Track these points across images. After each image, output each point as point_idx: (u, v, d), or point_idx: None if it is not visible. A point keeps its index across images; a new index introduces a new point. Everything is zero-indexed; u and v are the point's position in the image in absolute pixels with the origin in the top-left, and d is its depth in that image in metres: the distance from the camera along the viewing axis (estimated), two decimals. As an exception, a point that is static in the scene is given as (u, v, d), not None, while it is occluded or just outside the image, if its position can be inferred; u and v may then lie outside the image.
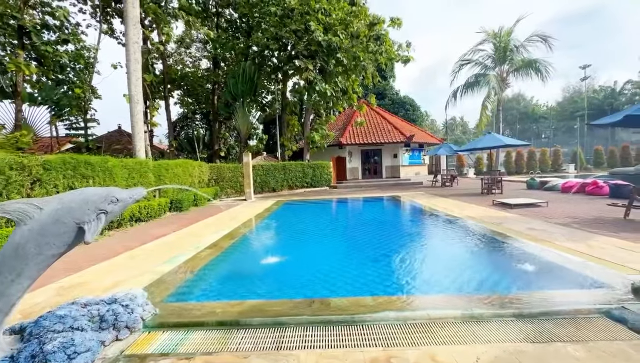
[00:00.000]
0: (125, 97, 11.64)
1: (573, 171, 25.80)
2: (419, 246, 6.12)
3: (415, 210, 10.19)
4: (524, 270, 4.18)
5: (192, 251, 5.47)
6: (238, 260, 5.30)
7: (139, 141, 10.82)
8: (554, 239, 5.34)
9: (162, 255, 5.31)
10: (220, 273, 4.52)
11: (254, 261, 5.19)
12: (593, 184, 11.16)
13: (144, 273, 4.29)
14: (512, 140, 12.88)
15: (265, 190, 17.62)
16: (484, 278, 3.98)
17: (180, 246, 5.92)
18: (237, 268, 4.91)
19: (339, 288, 3.74)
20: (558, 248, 4.78)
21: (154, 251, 5.71)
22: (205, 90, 27.06)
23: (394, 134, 22.75)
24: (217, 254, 5.34)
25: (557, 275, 3.85)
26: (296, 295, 3.57)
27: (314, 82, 17.33)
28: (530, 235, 5.70)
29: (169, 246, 6.06)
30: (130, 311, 2.82)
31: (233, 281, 4.15)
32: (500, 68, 18.23)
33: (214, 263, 4.88)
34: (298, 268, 4.76)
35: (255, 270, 4.78)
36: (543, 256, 4.51)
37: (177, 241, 6.45)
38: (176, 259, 5.00)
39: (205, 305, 3.22)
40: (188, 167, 13.06)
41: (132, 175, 9.30)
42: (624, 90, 56.36)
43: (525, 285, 3.66)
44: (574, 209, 8.44)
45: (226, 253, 5.45)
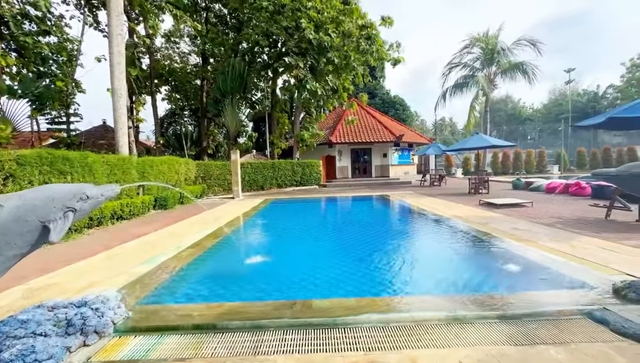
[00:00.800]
0: (109, 91, 11.28)
1: (557, 172, 26.38)
2: (406, 245, 6.09)
3: (404, 210, 10.20)
4: (508, 270, 4.18)
5: (173, 251, 5.30)
6: (220, 260, 5.15)
7: (122, 137, 10.49)
8: (538, 239, 5.38)
9: (142, 255, 5.12)
10: (200, 273, 4.37)
11: (237, 262, 5.04)
12: (576, 185, 11.39)
13: (121, 274, 4.12)
14: (499, 141, 13.06)
15: (254, 188, 17.41)
16: (469, 279, 3.96)
17: (162, 246, 5.74)
18: (219, 268, 4.77)
19: (323, 289, 3.65)
20: (541, 248, 4.81)
21: (133, 250, 5.52)
22: (194, 86, 26.57)
23: (384, 133, 22.81)
24: (199, 254, 5.18)
25: (541, 276, 3.85)
26: (279, 296, 3.48)
27: (304, 81, 17.19)
28: (515, 235, 5.74)
29: (150, 245, 5.86)
30: (101, 315, 2.67)
31: (213, 283, 4.01)
32: (488, 70, 18.47)
33: (195, 263, 4.73)
34: (282, 269, 4.65)
35: (238, 270, 4.65)
36: (527, 257, 4.53)
37: (158, 241, 6.26)
38: (156, 259, 4.83)
39: (182, 307, 3.08)
40: (174, 164, 12.77)
41: (114, 172, 9.01)
42: (606, 94, 58.04)
43: (509, 285, 3.66)
44: (557, 210, 8.57)
45: (209, 253, 5.30)
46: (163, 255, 5.04)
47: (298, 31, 16.42)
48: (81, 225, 7.18)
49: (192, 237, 6.40)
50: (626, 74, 52.32)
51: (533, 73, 16.97)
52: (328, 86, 18.05)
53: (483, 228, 6.55)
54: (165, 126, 34.33)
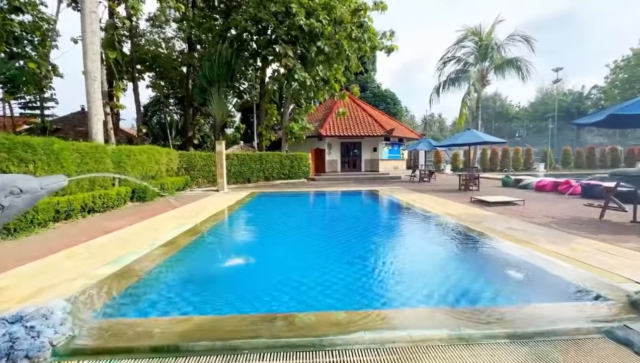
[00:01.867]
0: (85, 74, 10.45)
1: (543, 170, 26.71)
2: (398, 247, 5.71)
3: (395, 207, 9.89)
4: (510, 277, 3.86)
5: (144, 249, 4.79)
6: (196, 262, 4.64)
7: (97, 123, 9.76)
8: (536, 240, 5.12)
9: (108, 254, 4.60)
10: (171, 278, 3.88)
11: (214, 263, 4.55)
12: (566, 183, 11.33)
13: (78, 278, 3.61)
14: (490, 137, 12.89)
15: (240, 181, 16.83)
16: (469, 287, 3.62)
17: (133, 243, 5.22)
18: (192, 272, 4.27)
19: (309, 297, 3.25)
20: (541, 251, 4.54)
21: (100, 248, 4.98)
22: (179, 73, 25.50)
23: (375, 127, 22.47)
24: (172, 253, 4.69)
25: (546, 284, 3.57)
26: (258, 306, 3.06)
27: (294, 70, 16.58)
28: (511, 236, 5.47)
29: (120, 242, 5.33)
30: (36, 335, 2.19)
31: (184, 290, 3.53)
32: (481, 65, 18.26)
33: (166, 265, 4.25)
34: (263, 272, 4.20)
35: (214, 274, 4.18)
36: (528, 261, 4.24)
37: (130, 237, 5.72)
38: (123, 259, 4.33)
39: (143, 322, 2.63)
40: (154, 154, 12.07)
41: (86, 161, 8.33)
42: (590, 94, 59.30)
43: (514, 295, 3.34)
44: (550, 209, 8.41)
45: (183, 253, 4.81)
46: (132, 254, 4.54)
47: (288, 17, 15.76)
48: (46, 218, 6.54)
49: (168, 233, 5.88)
50: (610, 75, 53.47)
51: (527, 70, 16.89)
52: (319, 77, 17.48)
53: (477, 227, 6.28)
54: (150, 114, 33.05)
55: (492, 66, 18.00)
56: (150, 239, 5.46)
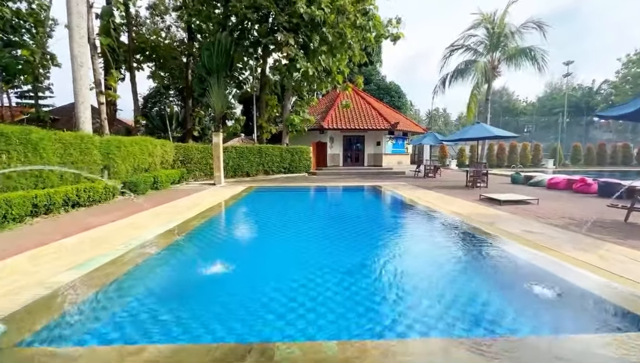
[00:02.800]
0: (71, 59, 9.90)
1: (551, 167, 25.93)
2: (402, 254, 4.90)
3: (399, 204, 9.31)
4: (538, 294, 3.23)
5: (118, 251, 4.29)
6: (170, 269, 4.06)
7: (84, 112, 9.24)
8: (559, 247, 4.55)
9: (78, 255, 4.11)
10: (136, 290, 3.34)
11: (190, 272, 3.93)
12: (581, 181, 10.68)
13: (33, 287, 3.11)
14: (502, 131, 12.19)
15: (239, 174, 16.31)
16: (489, 307, 3.01)
17: (109, 243, 4.72)
18: (163, 282, 3.66)
19: (296, 319, 2.71)
20: (567, 260, 3.97)
21: (71, 248, 4.48)
22: (179, 63, 24.85)
23: (379, 120, 21.77)
24: (147, 256, 4.18)
25: (580, 304, 3.01)
26: (233, 329, 2.53)
27: (296, 59, 15.90)
28: (530, 241, 4.90)
29: (95, 242, 4.83)
30: None
31: (148, 307, 2.97)
32: (492, 55, 17.38)
33: (136, 271, 3.73)
34: (244, 285, 3.59)
35: (187, 286, 3.57)
36: (553, 272, 3.67)
37: (109, 235, 5.22)
38: (91, 262, 3.83)
39: (83, 354, 2.11)
40: (147, 145, 11.55)
41: (70, 152, 7.83)
42: (600, 89, 57.78)
43: (547, 319, 2.78)
44: (567, 209, 7.81)
45: (159, 257, 4.28)
46: (103, 257, 4.04)
47: (289, 4, 15.03)
48: (22, 213, 6.06)
49: (152, 232, 5.38)
50: (622, 70, 51.94)
51: (543, 59, 15.93)
52: (321, 67, 16.77)
53: (490, 229, 5.71)
54: (150, 106, 32.54)
55: (504, 56, 17.11)
56: (128, 238, 4.96)
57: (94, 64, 14.15)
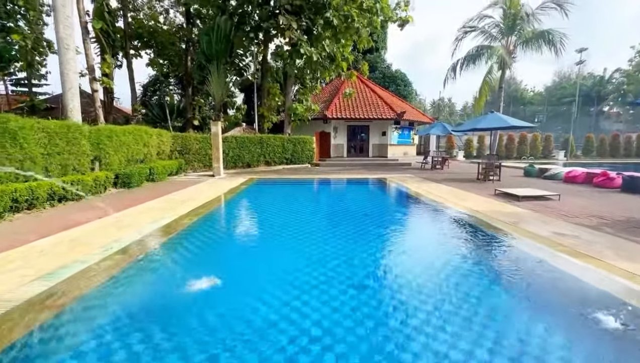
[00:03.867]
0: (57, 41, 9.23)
1: (562, 159, 25.11)
2: (420, 262, 4.13)
3: (410, 201, 8.67)
4: (596, 322, 2.65)
5: (94, 256, 3.76)
6: (153, 282, 3.49)
7: (72, 99, 8.63)
8: (599, 254, 3.96)
9: (49, 262, 3.58)
10: (106, 310, 2.80)
11: (170, 286, 3.33)
12: (603, 175, 9.99)
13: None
14: (518, 121, 11.42)
15: (239, 165, 15.73)
16: (536, 340, 2.46)
17: (87, 245, 4.20)
18: (136, 298, 3.08)
19: (292, 350, 2.17)
20: (614, 272, 3.39)
21: (43, 253, 3.95)
22: (178, 50, 24.01)
23: (384, 109, 20.97)
24: (126, 264, 3.64)
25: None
26: None
27: (299, 44, 15.11)
28: (563, 245, 4.31)
29: (73, 244, 4.30)
30: None
31: (119, 333, 2.46)
32: (507, 39, 16.35)
33: (107, 286, 3.18)
34: (233, 303, 2.97)
35: (164, 304, 2.98)
36: (603, 289, 3.09)
37: (89, 235, 4.69)
38: (61, 272, 3.30)
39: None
40: (142, 135, 10.97)
41: (55, 142, 7.26)
42: (612, 78, 56.03)
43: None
44: (593, 206, 7.17)
45: (141, 264, 3.73)
46: (78, 264, 3.51)
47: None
48: (0, 209, 5.55)
49: (138, 231, 4.85)
50: (635, 58, 50.14)
51: (561, 43, 14.90)
52: (325, 53, 15.96)
53: (513, 230, 5.12)
54: (149, 94, 31.84)
55: (520, 41, 16.09)
56: (110, 240, 4.43)
57: (86, 49, 13.50)
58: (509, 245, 4.61)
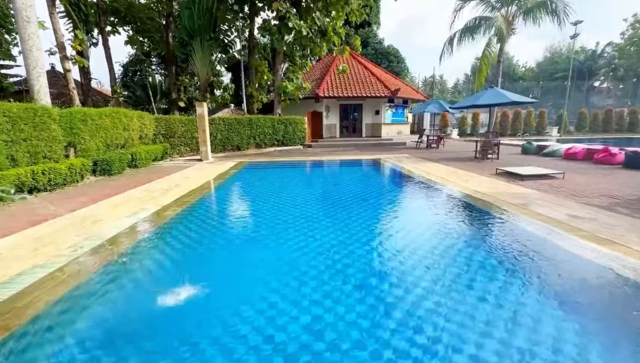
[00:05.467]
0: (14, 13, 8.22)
1: (556, 135, 24.98)
2: (425, 252, 3.58)
3: (410, 182, 8.26)
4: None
5: (60, 259, 3.26)
6: (126, 291, 2.92)
7: (37, 79, 7.77)
8: (622, 239, 3.64)
9: (3, 268, 3.07)
10: (73, 327, 2.35)
11: (143, 298, 2.82)
12: (604, 151, 9.73)
13: None
14: (519, 97, 10.94)
15: (228, 148, 15.04)
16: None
17: (54, 245, 3.68)
18: (114, 313, 2.60)
19: None
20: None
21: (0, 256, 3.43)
22: (158, 25, 22.47)
23: (377, 87, 20.21)
24: (96, 268, 3.15)
25: None
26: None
27: (287, 18, 14.12)
28: (582, 230, 3.97)
29: (38, 243, 3.77)
30: None
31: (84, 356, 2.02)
32: (507, 9, 15.54)
33: (76, 296, 2.71)
34: (217, 313, 2.52)
35: (145, 320, 2.53)
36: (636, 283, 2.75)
37: (58, 233, 4.16)
38: (17, 280, 2.81)
39: None
40: (121, 118, 10.17)
41: (20, 127, 6.53)
42: (604, 52, 55.54)
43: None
44: (600, 184, 6.88)
45: (112, 270, 3.22)
46: (38, 270, 3.02)
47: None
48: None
49: (114, 226, 4.34)
50: (627, 31, 49.57)
51: (565, 13, 14.21)
52: (315, 26, 15.01)
53: (525, 213, 4.77)
54: (130, 75, 30.21)
55: (521, 11, 15.32)
56: (80, 238, 3.92)
57: (54, 24, 12.35)
58: (520, 228, 4.25)
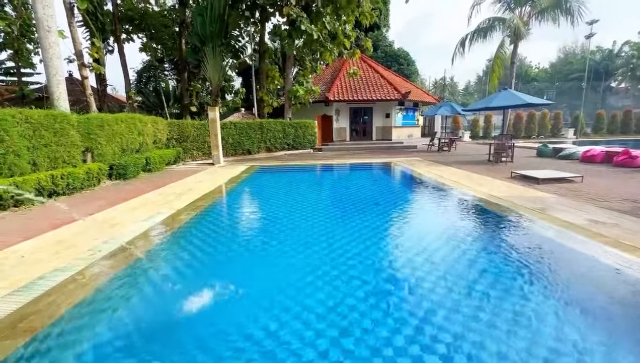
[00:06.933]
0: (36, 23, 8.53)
1: (572, 137, 24.35)
2: (438, 260, 3.48)
3: (420, 186, 8.19)
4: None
5: (81, 262, 3.33)
6: (145, 294, 2.95)
7: (57, 86, 8.03)
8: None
9: (26, 271, 3.16)
10: (92, 331, 2.40)
11: (163, 299, 2.85)
12: (624, 153, 9.43)
13: None
14: (534, 98, 10.74)
15: (239, 152, 15.19)
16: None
17: (74, 248, 3.77)
18: (135, 317, 2.67)
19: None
20: (675, 269, 2.94)
21: (22, 258, 3.53)
22: (172, 33, 22.98)
23: (388, 90, 20.13)
24: (115, 270, 3.21)
25: None
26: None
27: (298, 21, 14.23)
28: (605, 236, 3.84)
29: (58, 246, 3.87)
30: None
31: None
32: (521, 10, 15.31)
33: (96, 299, 2.77)
34: (240, 314, 2.55)
35: (169, 326, 2.52)
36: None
37: (77, 237, 4.26)
38: (38, 284, 2.88)
39: None
40: (136, 123, 10.40)
41: (41, 133, 6.74)
42: (621, 52, 53.99)
43: None
44: (621, 188, 6.67)
45: (132, 273, 3.29)
46: (59, 273, 3.09)
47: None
48: None
49: (130, 230, 4.42)
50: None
51: (579, 12, 13.92)
52: (326, 30, 15.08)
53: (543, 218, 4.65)
54: (144, 81, 30.91)
55: (535, 11, 15.04)
56: (99, 241, 4.00)
57: (72, 33, 12.75)
58: (538, 234, 4.14)
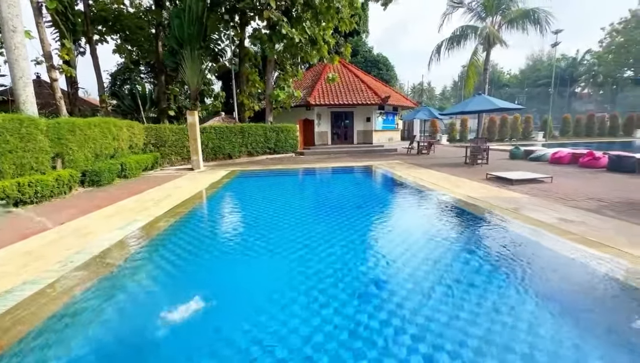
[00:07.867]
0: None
1: (542, 140, 25.62)
2: (419, 259, 3.58)
3: (400, 188, 8.35)
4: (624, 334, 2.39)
5: (52, 274, 3.16)
6: (119, 309, 2.76)
7: (24, 89, 7.62)
8: (611, 240, 3.74)
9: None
10: (64, 348, 2.28)
11: (139, 311, 2.74)
12: (589, 155, 10.02)
13: None
14: (506, 103, 11.26)
15: (220, 157, 14.94)
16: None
17: (43, 260, 3.57)
18: (107, 335, 2.51)
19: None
20: (633, 262, 3.15)
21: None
22: (148, 35, 22.37)
23: (368, 94, 20.47)
24: (87, 284, 3.07)
25: None
26: None
27: (279, 25, 14.24)
28: (572, 233, 4.07)
29: (25, 259, 3.65)
30: None
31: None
32: (492, 19, 16.09)
33: (67, 314, 2.63)
34: (222, 322, 2.51)
35: (128, 340, 2.38)
36: (629, 286, 2.83)
37: (46, 248, 4.03)
38: (6, 298, 2.70)
39: None
40: (110, 128, 10.02)
41: (5, 138, 6.37)
42: (584, 60, 57.54)
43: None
44: (587, 187, 7.08)
45: (103, 287, 3.15)
46: (28, 286, 2.92)
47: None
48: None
49: (104, 239, 4.24)
50: (605, 39, 51.42)
51: (546, 22, 14.80)
52: (306, 35, 15.18)
53: (516, 218, 4.86)
54: (119, 84, 29.92)
55: (505, 20, 15.85)
56: (71, 251, 3.82)
57: (40, 33, 12.16)
58: (523, 238, 4.31)
